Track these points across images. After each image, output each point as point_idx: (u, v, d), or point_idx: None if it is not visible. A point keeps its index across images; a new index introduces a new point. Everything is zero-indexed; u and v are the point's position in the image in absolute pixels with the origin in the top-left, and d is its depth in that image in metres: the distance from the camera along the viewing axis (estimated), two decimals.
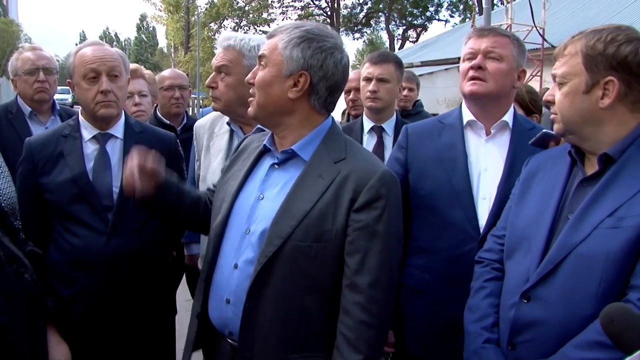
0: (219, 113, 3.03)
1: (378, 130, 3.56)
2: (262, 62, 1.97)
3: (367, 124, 3.61)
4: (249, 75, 2.02)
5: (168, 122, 4.32)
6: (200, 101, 34.93)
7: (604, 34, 1.82)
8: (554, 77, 1.92)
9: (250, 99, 2.00)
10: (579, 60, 1.82)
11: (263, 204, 1.97)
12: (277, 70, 1.92)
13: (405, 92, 5.57)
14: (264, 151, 2.09)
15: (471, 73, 2.47)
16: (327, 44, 1.92)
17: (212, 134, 2.91)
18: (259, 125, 2.56)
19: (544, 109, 10.64)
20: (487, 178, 2.49)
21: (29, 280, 1.70)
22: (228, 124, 2.84)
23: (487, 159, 2.52)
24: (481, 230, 2.42)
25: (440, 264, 2.45)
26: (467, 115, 2.59)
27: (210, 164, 2.83)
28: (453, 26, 37.65)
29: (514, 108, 2.62)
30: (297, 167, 1.97)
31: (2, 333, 1.51)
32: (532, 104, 3.71)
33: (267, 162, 2.07)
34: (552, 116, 1.95)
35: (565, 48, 1.88)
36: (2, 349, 1.50)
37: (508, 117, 2.54)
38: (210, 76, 2.77)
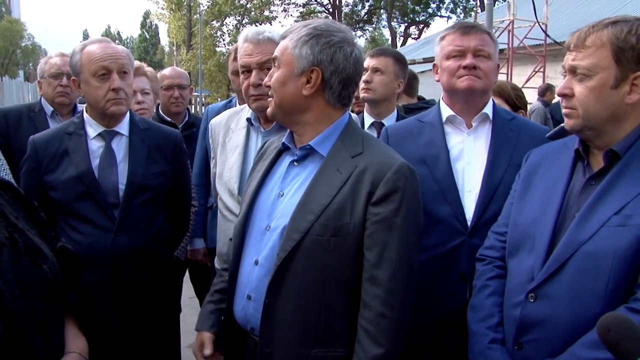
0: (235, 109, 3.04)
1: (378, 126, 3.57)
2: (275, 64, 2.01)
3: (368, 119, 3.62)
4: (266, 79, 2.07)
5: (169, 119, 4.38)
6: (203, 99, 34.93)
7: (634, 26, 1.75)
8: (572, 69, 1.84)
9: (269, 99, 2.04)
10: (608, 52, 1.76)
11: (283, 200, 2.00)
12: (290, 70, 1.95)
13: None
14: (283, 150, 2.12)
15: (464, 72, 2.48)
16: (335, 38, 1.94)
17: (228, 130, 2.90)
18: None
19: (538, 105, 10.62)
20: (471, 171, 2.50)
21: (47, 272, 1.71)
22: (248, 119, 2.83)
23: (470, 153, 2.54)
24: (469, 224, 2.43)
25: (428, 262, 2.41)
26: (447, 112, 2.60)
27: (227, 160, 2.83)
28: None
29: (493, 101, 2.64)
30: (316, 163, 1.99)
31: (12, 320, 1.53)
32: (517, 100, 3.77)
33: (286, 160, 2.10)
34: (566, 111, 1.88)
35: (585, 39, 1.80)
36: (12, 336, 1.52)
37: (488, 110, 2.57)
38: (256, 74, 2.66)
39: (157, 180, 2.82)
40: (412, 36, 46.06)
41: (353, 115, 2.98)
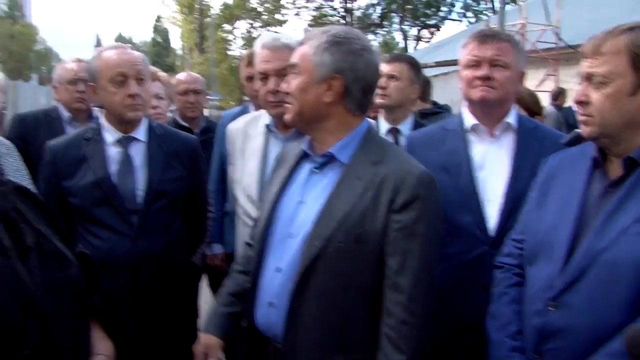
0: (253, 115, 3.05)
1: (394, 132, 3.58)
2: (294, 71, 2.01)
3: (383, 125, 3.63)
4: (284, 85, 2.07)
5: (186, 124, 4.40)
6: (216, 102, 35.00)
7: None
8: (588, 76, 1.82)
9: (288, 106, 2.04)
10: (624, 59, 1.74)
11: (304, 208, 2.01)
12: (310, 77, 1.96)
13: None
14: (303, 156, 2.13)
15: (478, 82, 2.49)
16: (356, 45, 1.95)
17: (247, 136, 2.92)
18: None
19: (551, 110, 10.60)
20: (493, 180, 2.50)
21: (73, 276, 1.76)
22: (266, 125, 2.85)
23: (492, 162, 2.54)
24: (490, 233, 2.44)
25: (450, 271, 2.41)
26: (470, 120, 2.60)
27: (246, 166, 2.85)
28: (467, 26, 37.35)
29: (517, 109, 2.64)
30: (336, 170, 2.00)
31: (44, 323, 1.57)
32: (534, 106, 3.78)
33: (306, 167, 2.10)
34: (583, 118, 1.87)
35: (601, 46, 1.79)
36: (44, 339, 1.56)
37: (511, 119, 2.56)
38: (274, 80, 2.67)
39: (174, 185, 2.83)
40: (424, 39, 45.98)
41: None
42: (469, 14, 43.54)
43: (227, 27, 41.47)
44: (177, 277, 2.86)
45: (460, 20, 44.48)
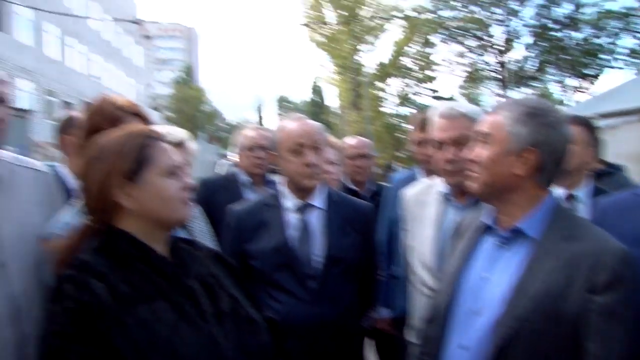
0: (427, 182, 3.07)
1: (569, 199, 3.42)
2: (484, 139, 1.98)
3: (558, 191, 3.47)
4: (469, 153, 2.05)
5: (354, 188, 4.50)
6: None
7: None
8: None
9: (472, 175, 2.02)
10: None
11: (490, 284, 1.96)
12: (503, 148, 1.92)
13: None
14: (484, 229, 2.08)
15: None
16: (552, 118, 1.92)
17: (422, 202, 2.93)
18: None
19: None
20: None
21: (263, 341, 1.85)
22: (443, 193, 2.85)
23: None
24: None
25: None
26: None
27: (422, 234, 2.86)
28: (636, 73, 35.07)
29: None
30: (525, 246, 1.93)
31: None
32: None
33: (489, 240, 2.05)
34: None
35: None
36: None
37: None
38: (452, 149, 2.68)
39: (350, 252, 2.89)
40: (583, 90, 43.82)
41: None
42: (633, 59, 40.81)
43: (378, 84, 42.13)
44: (348, 343, 2.89)
45: (622, 68, 41.79)
